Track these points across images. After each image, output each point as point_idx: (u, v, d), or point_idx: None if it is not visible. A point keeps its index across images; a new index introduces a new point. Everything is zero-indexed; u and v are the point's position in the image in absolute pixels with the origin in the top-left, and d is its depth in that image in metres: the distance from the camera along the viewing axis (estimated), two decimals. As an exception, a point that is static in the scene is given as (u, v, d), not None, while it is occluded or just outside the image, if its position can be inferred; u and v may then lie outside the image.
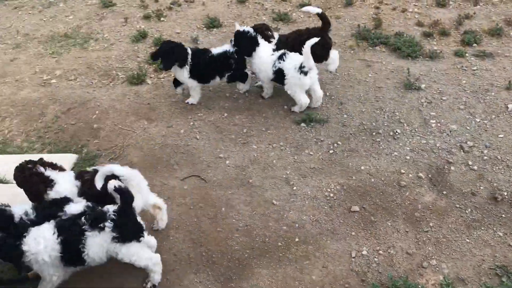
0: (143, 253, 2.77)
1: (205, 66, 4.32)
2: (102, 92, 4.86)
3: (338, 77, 4.80)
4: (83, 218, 2.66)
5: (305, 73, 4.09)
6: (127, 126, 4.35)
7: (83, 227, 2.64)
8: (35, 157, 3.88)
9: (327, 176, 3.69)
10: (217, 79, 4.46)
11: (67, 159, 3.89)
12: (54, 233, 2.63)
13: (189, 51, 4.32)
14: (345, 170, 3.74)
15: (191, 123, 4.34)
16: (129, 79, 4.99)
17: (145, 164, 3.89)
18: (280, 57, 4.19)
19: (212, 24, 5.92)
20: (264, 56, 4.29)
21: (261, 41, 4.33)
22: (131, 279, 2.97)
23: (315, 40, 3.97)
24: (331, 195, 3.52)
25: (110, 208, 2.71)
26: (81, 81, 5.09)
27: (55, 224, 2.67)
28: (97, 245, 2.65)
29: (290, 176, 3.70)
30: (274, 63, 4.22)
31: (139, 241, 2.73)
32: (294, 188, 3.60)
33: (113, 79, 5.08)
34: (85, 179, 3.01)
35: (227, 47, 4.39)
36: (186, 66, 4.28)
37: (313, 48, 4.01)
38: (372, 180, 3.64)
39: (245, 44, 4.30)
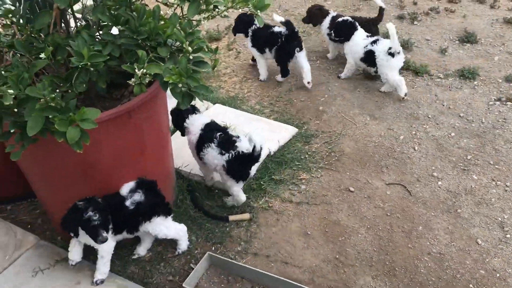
0: (239, 191, 3.28)
1: (262, 38, 4.85)
2: (335, 79, 5.02)
3: None
4: (218, 134, 3.19)
5: (393, 55, 4.43)
6: (349, 117, 4.42)
7: (212, 139, 3.19)
8: (263, 120, 4.33)
9: (553, 237, 3.18)
10: (267, 52, 4.88)
11: (288, 130, 4.17)
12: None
13: (254, 25, 4.87)
14: None
15: (413, 132, 4.19)
16: (365, 73, 5.04)
17: (356, 157, 3.92)
18: (374, 42, 4.59)
19: (467, 38, 5.52)
20: (358, 39, 4.75)
21: (358, 26, 4.82)
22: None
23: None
24: (552, 259, 3.03)
25: (241, 142, 3.13)
26: (321, 64, 5.33)
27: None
28: (212, 156, 3.18)
29: (507, 222, 3.29)
30: (366, 45, 4.62)
31: (237, 182, 3.23)
32: (508, 235, 3.20)
33: (350, 69, 5.19)
34: None
35: (284, 29, 4.70)
36: (248, 37, 4.93)
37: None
38: None
39: (344, 30, 4.85)
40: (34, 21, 2.42)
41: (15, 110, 2.12)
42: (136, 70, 2.09)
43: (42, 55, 2.23)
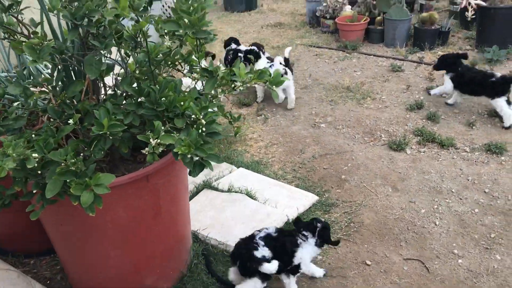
0: None
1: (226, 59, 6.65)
2: (360, 148, 5.07)
3: None
4: None
5: (282, 75, 5.37)
6: (371, 187, 4.42)
7: None
8: (284, 186, 4.38)
9: None
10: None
11: (308, 198, 4.19)
12: None
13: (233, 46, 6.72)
14: None
15: (435, 206, 4.13)
16: (389, 143, 5.07)
17: (375, 229, 3.89)
18: (271, 65, 5.85)
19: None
20: (260, 64, 6.06)
21: (262, 55, 6.26)
22: None
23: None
24: None
25: None
26: (346, 132, 5.41)
27: None
28: None
29: (530, 307, 3.15)
30: (265, 67, 5.33)
31: None
32: (530, 322, 3.04)
33: (375, 139, 5.24)
34: None
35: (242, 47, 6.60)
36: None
37: None
38: None
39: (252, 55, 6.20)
40: (67, 89, 2.64)
41: (39, 172, 2.28)
42: (151, 140, 2.23)
43: (71, 121, 2.42)
